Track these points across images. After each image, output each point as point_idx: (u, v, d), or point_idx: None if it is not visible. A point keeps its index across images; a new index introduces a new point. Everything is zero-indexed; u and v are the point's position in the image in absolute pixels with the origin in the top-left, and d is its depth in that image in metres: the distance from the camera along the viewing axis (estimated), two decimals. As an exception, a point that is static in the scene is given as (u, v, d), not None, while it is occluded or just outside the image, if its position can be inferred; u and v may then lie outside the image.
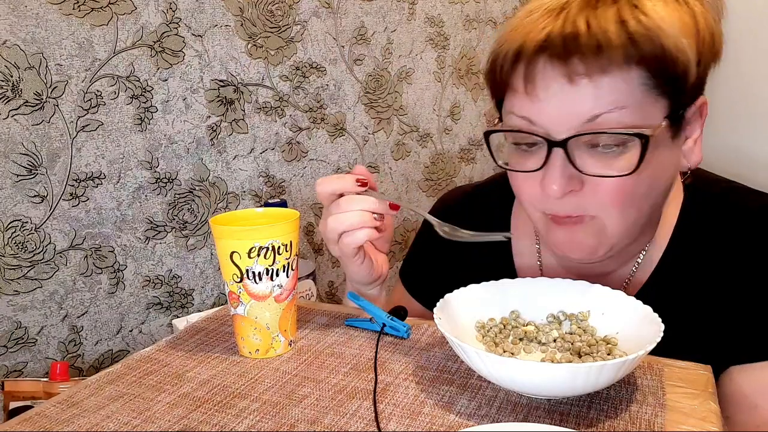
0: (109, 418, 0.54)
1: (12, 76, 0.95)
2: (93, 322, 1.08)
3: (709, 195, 0.71)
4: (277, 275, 0.62)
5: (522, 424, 0.49)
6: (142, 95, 1.09)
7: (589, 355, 0.58)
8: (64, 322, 1.05)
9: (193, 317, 1.14)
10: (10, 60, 0.95)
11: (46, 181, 1.00)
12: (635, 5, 0.58)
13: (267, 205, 1.12)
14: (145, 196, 1.12)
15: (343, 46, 1.41)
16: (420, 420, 0.52)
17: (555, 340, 0.62)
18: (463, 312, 0.63)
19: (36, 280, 1.01)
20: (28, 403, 0.91)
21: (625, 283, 0.72)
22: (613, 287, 0.64)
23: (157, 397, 0.57)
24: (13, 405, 0.91)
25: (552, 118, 0.60)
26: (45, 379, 0.95)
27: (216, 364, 0.63)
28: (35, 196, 1.00)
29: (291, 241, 0.63)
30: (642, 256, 0.71)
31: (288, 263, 0.63)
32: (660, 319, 0.56)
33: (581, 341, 0.60)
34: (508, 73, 0.62)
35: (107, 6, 1.03)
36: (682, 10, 0.59)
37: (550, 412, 0.52)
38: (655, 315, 0.57)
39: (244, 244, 0.61)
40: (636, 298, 0.61)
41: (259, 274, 0.62)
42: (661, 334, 0.53)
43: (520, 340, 0.62)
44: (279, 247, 0.62)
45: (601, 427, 0.50)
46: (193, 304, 1.21)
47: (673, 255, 0.70)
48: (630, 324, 0.59)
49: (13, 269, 0.99)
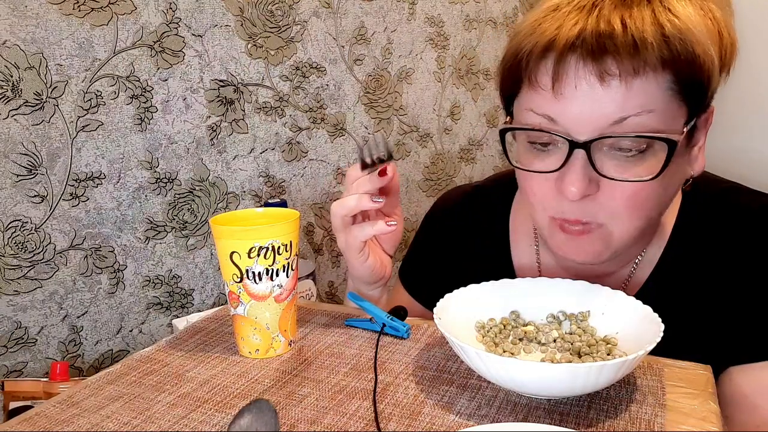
0: (109, 418, 0.54)
1: (12, 76, 0.95)
2: (93, 322, 1.08)
3: (709, 195, 0.70)
4: (277, 275, 0.62)
5: (522, 424, 0.49)
6: (142, 95, 1.09)
7: (589, 355, 0.58)
8: (64, 322, 1.05)
9: (193, 317, 1.14)
10: (10, 60, 0.95)
11: (46, 181, 1.00)
12: (668, 8, 0.57)
13: (267, 205, 1.12)
14: (145, 196, 1.12)
15: (343, 46, 1.41)
16: (420, 420, 0.52)
17: (555, 341, 0.62)
18: (463, 312, 0.63)
19: (36, 280, 1.01)
20: (28, 403, 0.91)
21: (624, 283, 0.72)
22: (612, 287, 0.64)
23: (157, 397, 0.57)
24: (13, 405, 0.91)
25: (576, 118, 0.58)
26: (45, 379, 0.95)
27: (216, 364, 0.63)
28: (35, 196, 1.00)
29: (291, 241, 0.63)
30: (641, 256, 0.71)
31: (288, 263, 0.63)
32: (660, 319, 0.56)
33: (581, 341, 0.60)
34: (533, 69, 0.60)
35: (107, 6, 1.03)
36: (707, 17, 0.59)
37: (550, 412, 0.52)
38: (655, 315, 0.57)
39: (244, 244, 0.61)
40: (636, 298, 0.61)
41: (259, 274, 0.62)
42: (661, 334, 0.53)
43: (520, 340, 0.62)
44: (279, 247, 0.62)
45: (601, 427, 0.50)
46: (193, 304, 1.21)
47: (673, 255, 0.70)
48: (630, 324, 0.59)
49: (13, 269, 0.99)
